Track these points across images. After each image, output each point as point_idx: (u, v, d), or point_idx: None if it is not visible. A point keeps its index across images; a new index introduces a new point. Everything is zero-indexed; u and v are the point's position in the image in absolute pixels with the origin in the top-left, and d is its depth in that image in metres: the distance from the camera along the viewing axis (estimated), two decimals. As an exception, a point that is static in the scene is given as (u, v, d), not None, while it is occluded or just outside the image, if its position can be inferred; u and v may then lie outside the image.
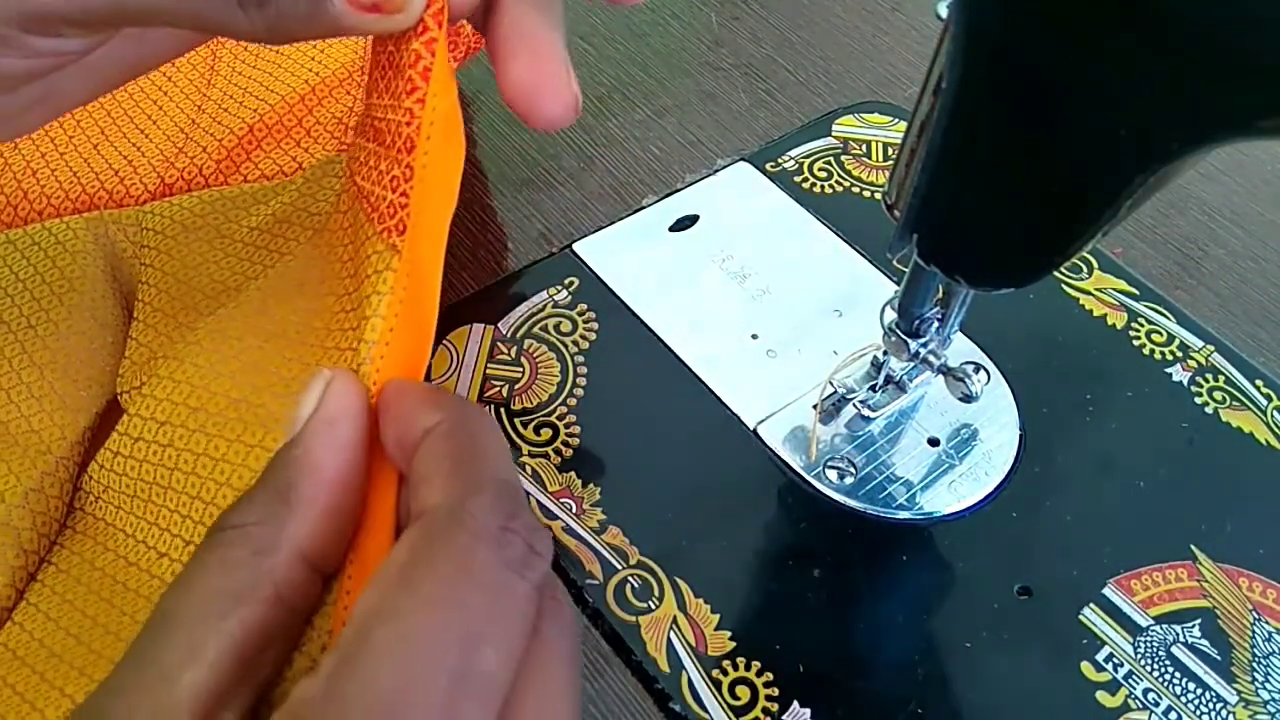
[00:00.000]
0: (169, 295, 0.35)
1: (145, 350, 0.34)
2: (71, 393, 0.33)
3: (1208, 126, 0.22)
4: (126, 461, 0.30)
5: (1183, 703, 0.31)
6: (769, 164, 0.45)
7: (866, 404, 0.37)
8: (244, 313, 0.32)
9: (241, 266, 0.36)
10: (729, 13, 0.54)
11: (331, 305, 0.28)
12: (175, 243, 0.37)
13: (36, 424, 0.32)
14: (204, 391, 0.30)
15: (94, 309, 0.35)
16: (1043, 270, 0.29)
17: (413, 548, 0.19)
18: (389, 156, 0.26)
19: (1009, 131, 0.25)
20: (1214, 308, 0.43)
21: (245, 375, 0.29)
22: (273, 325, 0.30)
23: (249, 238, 0.37)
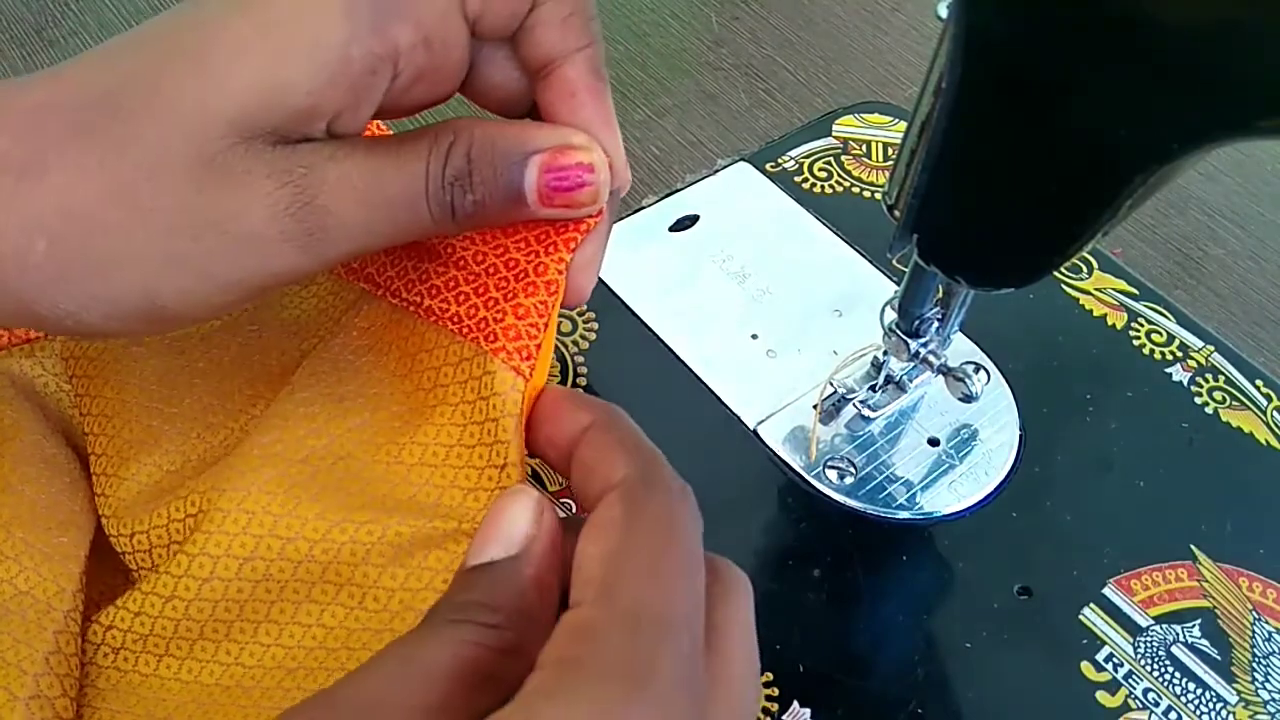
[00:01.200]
0: (129, 418, 0.32)
1: (132, 484, 0.31)
2: (49, 542, 0.30)
3: (1208, 126, 0.22)
4: (187, 604, 0.28)
5: (1183, 703, 0.31)
6: (769, 164, 0.45)
7: (866, 404, 0.37)
8: (288, 434, 0.29)
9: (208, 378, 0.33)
10: (729, 13, 0.54)
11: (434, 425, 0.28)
12: (112, 364, 0.33)
13: (24, 584, 0.29)
14: (292, 519, 0.28)
15: (38, 453, 0.32)
16: (1043, 270, 0.29)
17: (626, 507, 0.22)
18: (513, 288, 0.28)
19: (1009, 132, 0.25)
20: (1214, 308, 0.43)
21: (337, 498, 0.28)
22: (340, 445, 0.29)
23: (203, 344, 0.34)
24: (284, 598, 0.28)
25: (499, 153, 0.26)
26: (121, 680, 0.29)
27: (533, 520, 0.23)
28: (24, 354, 0.35)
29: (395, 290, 0.32)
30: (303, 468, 0.29)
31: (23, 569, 0.29)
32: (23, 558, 0.29)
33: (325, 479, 0.29)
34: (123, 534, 0.30)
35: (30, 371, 0.34)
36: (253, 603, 0.28)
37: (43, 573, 0.29)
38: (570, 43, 0.27)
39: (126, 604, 0.29)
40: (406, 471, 0.28)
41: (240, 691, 0.27)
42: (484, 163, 0.26)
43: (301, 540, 0.28)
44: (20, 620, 0.28)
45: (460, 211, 0.26)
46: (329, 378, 0.31)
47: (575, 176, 0.26)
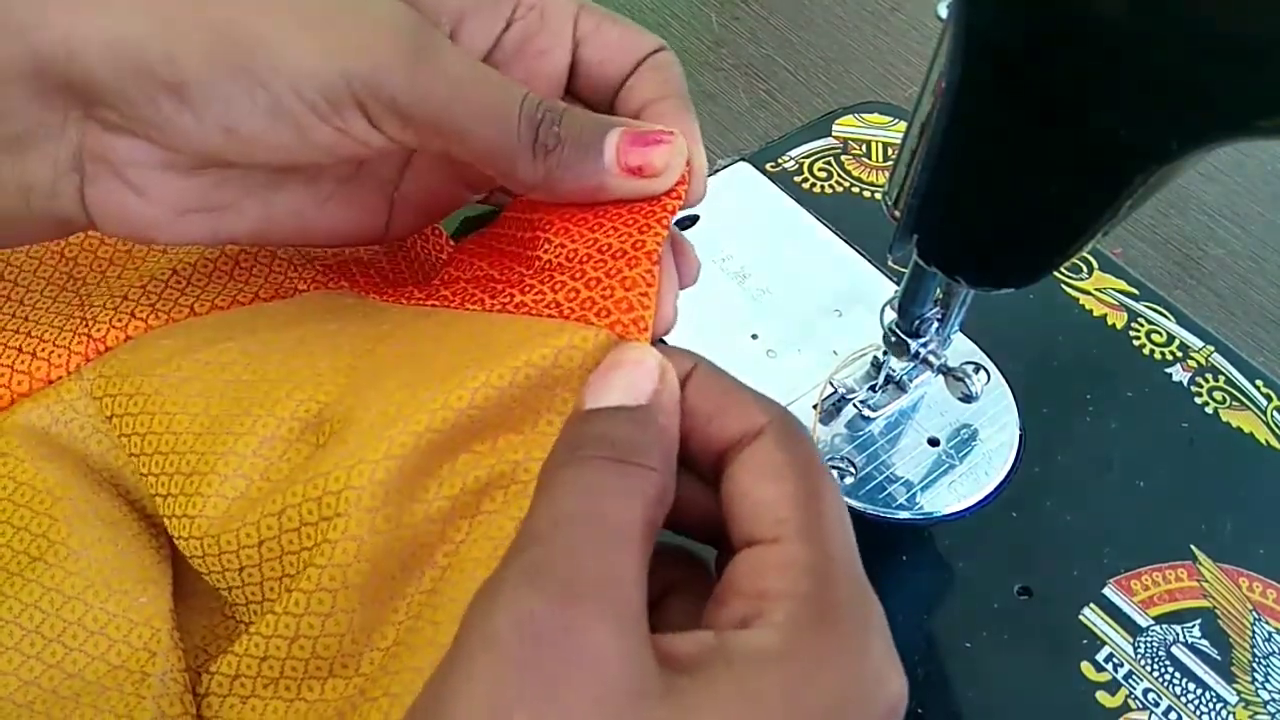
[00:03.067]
0: (190, 441, 0.30)
1: (218, 501, 0.29)
2: (131, 606, 0.29)
3: (1208, 126, 0.22)
4: (313, 642, 0.26)
5: (1183, 703, 0.31)
6: (769, 164, 0.45)
7: (866, 404, 0.37)
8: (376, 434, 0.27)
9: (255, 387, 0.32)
10: (729, 13, 0.54)
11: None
12: (153, 395, 0.32)
13: (116, 659, 0.28)
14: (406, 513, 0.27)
15: (93, 511, 0.30)
16: (1043, 270, 0.29)
17: (789, 453, 0.23)
18: (615, 266, 0.28)
19: (1009, 131, 0.25)
20: (1214, 308, 0.43)
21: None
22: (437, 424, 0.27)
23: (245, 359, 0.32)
24: (409, 614, 0.27)
25: (589, 116, 0.28)
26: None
27: (658, 372, 0.24)
28: (51, 400, 0.32)
29: (475, 299, 0.32)
30: (389, 464, 0.27)
31: (113, 643, 0.28)
32: (108, 629, 0.28)
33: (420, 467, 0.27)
34: (226, 550, 0.28)
35: (61, 416, 0.32)
36: (381, 627, 0.27)
37: (132, 642, 0.28)
38: (664, 90, 0.31)
39: (249, 649, 0.27)
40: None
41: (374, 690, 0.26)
42: (575, 115, 0.28)
43: (422, 549, 0.27)
44: (119, 695, 0.27)
45: (543, 139, 0.27)
46: (409, 365, 0.29)
47: (653, 137, 0.28)
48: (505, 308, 0.30)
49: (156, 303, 0.35)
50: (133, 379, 0.32)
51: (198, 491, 0.29)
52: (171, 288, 0.36)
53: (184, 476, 0.30)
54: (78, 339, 0.34)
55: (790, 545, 0.22)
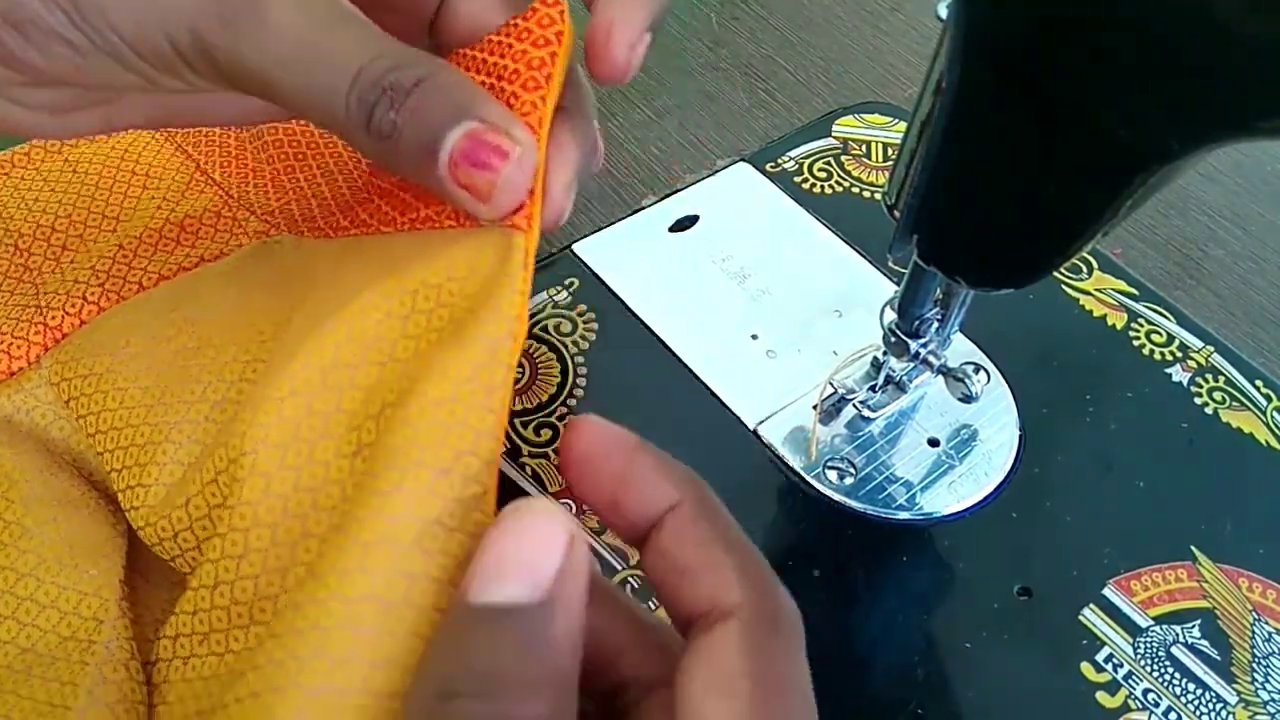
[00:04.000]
0: (137, 423, 0.31)
1: (158, 489, 0.30)
2: (80, 580, 0.29)
3: (1208, 126, 0.22)
4: (230, 586, 0.26)
5: (1183, 703, 0.31)
6: (769, 164, 0.45)
7: (866, 404, 0.37)
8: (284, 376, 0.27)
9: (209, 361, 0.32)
10: (729, 13, 0.54)
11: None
12: (105, 374, 0.32)
13: (66, 630, 0.28)
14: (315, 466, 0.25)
15: (49, 492, 0.31)
16: (1043, 270, 0.29)
17: (752, 659, 0.19)
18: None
19: (1009, 132, 0.25)
20: (1214, 308, 0.43)
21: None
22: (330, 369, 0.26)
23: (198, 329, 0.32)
24: (325, 551, 0.24)
25: (446, 99, 0.24)
26: (190, 690, 0.27)
27: (563, 551, 0.19)
28: (12, 390, 0.33)
29: (389, 219, 0.30)
30: (296, 400, 0.26)
31: (64, 615, 0.28)
32: (59, 602, 0.29)
33: (324, 405, 0.26)
34: (164, 538, 0.28)
35: (23, 405, 0.33)
36: (294, 568, 0.25)
37: (81, 613, 0.28)
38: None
39: (183, 606, 0.27)
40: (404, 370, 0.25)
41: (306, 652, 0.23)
42: (427, 97, 0.24)
43: (333, 485, 0.25)
44: (66, 665, 0.27)
45: (376, 122, 0.24)
46: (314, 319, 0.28)
47: (485, 156, 0.24)
48: (413, 224, 0.29)
49: (106, 282, 0.36)
50: (85, 361, 0.32)
51: (152, 460, 0.29)
52: (119, 263, 0.36)
53: (138, 448, 0.30)
54: (35, 329, 0.35)
55: None
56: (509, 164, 0.24)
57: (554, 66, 0.26)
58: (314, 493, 0.25)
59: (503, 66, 0.27)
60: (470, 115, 0.24)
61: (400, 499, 0.22)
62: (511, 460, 0.35)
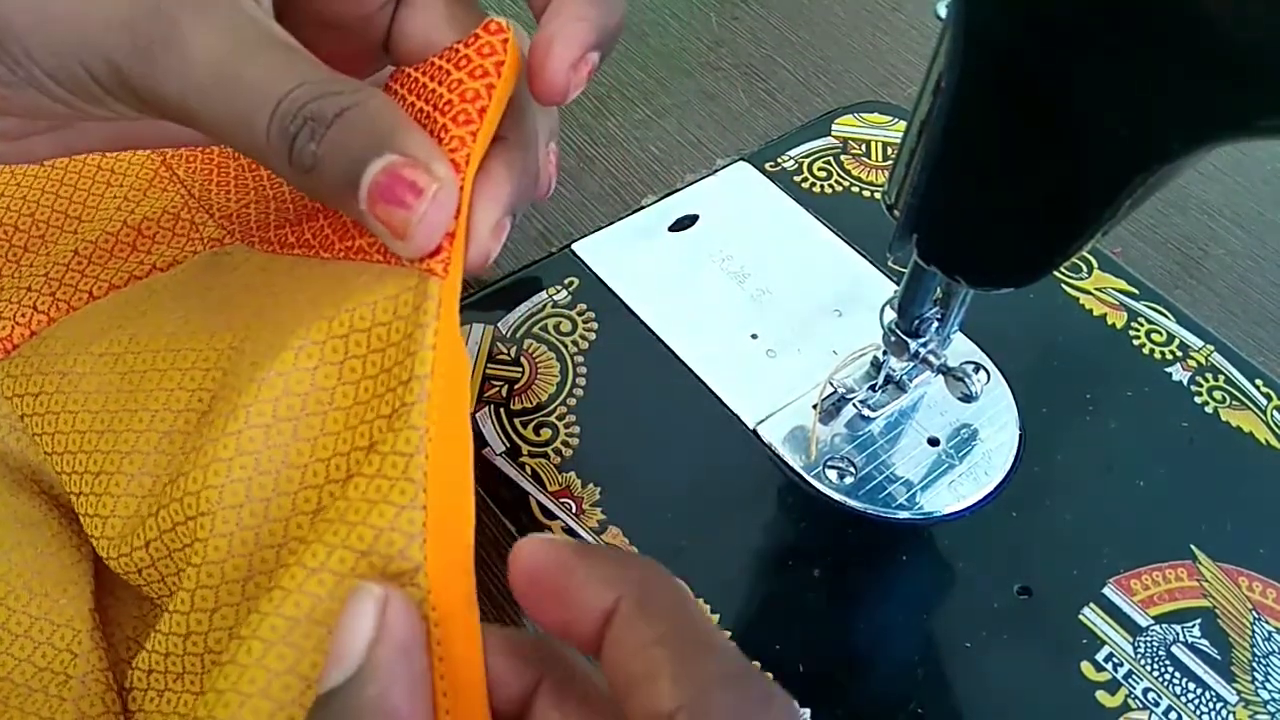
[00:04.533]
0: (90, 449, 0.30)
1: (116, 521, 0.29)
2: (52, 609, 0.29)
3: (1208, 126, 0.22)
4: (204, 637, 0.26)
5: (1183, 703, 0.31)
6: (769, 164, 0.45)
7: (866, 404, 0.37)
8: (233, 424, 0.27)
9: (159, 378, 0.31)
10: (729, 13, 0.54)
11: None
12: (55, 394, 0.31)
13: (42, 661, 0.28)
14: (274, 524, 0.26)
15: (11, 514, 0.30)
16: (1043, 270, 0.29)
17: None
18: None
19: (1008, 131, 0.25)
20: (1214, 308, 0.43)
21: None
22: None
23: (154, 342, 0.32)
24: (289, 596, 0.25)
25: (369, 131, 0.24)
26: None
27: (372, 625, 0.20)
28: None
29: (328, 242, 0.29)
30: (244, 460, 0.26)
31: (37, 645, 0.28)
32: (32, 631, 0.28)
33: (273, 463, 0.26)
34: (128, 572, 0.28)
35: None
36: (263, 615, 0.26)
37: (55, 644, 0.28)
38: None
39: (155, 647, 0.27)
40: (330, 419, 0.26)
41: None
42: (348, 128, 0.24)
43: (294, 541, 0.25)
44: (44, 698, 0.27)
45: (297, 153, 0.24)
46: (261, 359, 0.28)
47: (401, 193, 0.23)
48: (348, 253, 0.28)
49: (57, 290, 0.35)
50: (35, 378, 0.32)
51: (107, 491, 0.29)
52: (72, 271, 0.35)
53: (93, 476, 0.29)
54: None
55: None
56: (423, 201, 0.23)
57: (489, 99, 0.26)
58: (276, 549, 0.25)
59: (438, 95, 0.26)
60: (391, 148, 0.23)
61: (319, 579, 0.23)
62: (511, 459, 0.36)
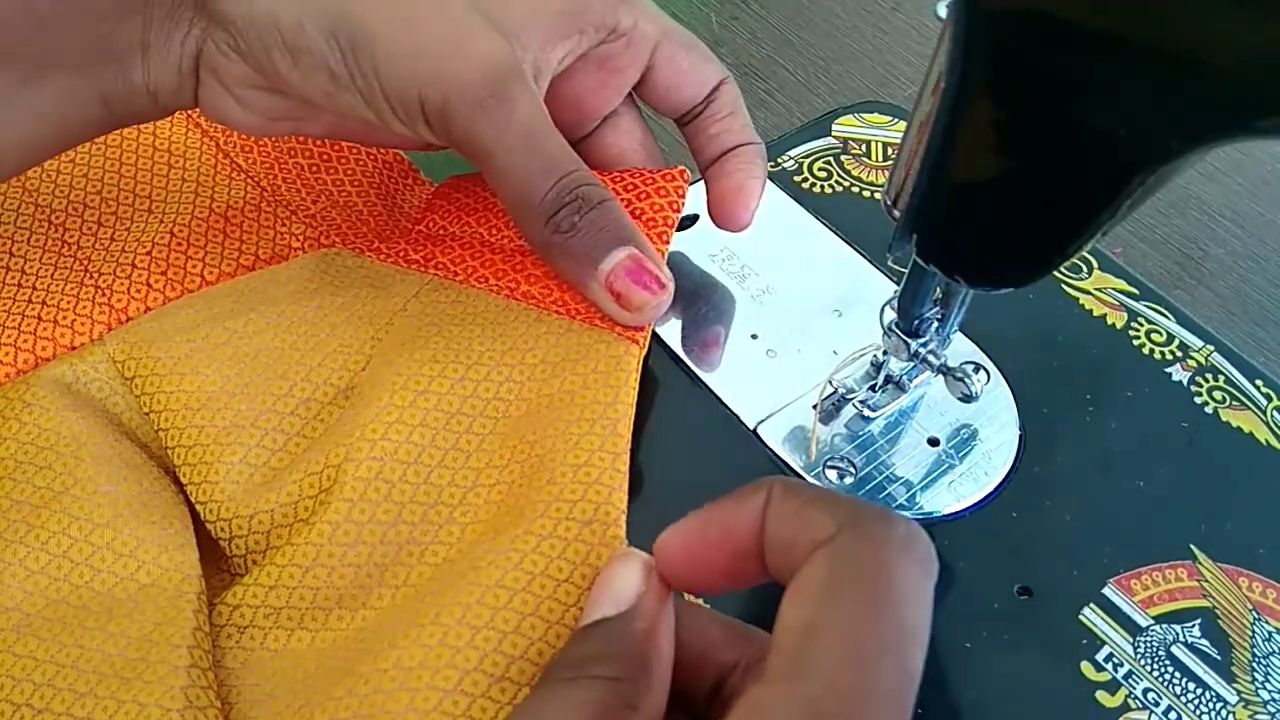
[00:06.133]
0: (217, 406, 0.32)
1: (241, 469, 0.31)
2: (159, 535, 0.30)
3: (1208, 126, 0.22)
4: (329, 571, 0.29)
5: (1183, 703, 0.31)
6: (769, 164, 0.45)
7: (866, 404, 0.37)
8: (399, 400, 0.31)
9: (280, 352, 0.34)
10: (729, 13, 0.54)
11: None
12: (185, 359, 0.33)
13: (146, 577, 0.29)
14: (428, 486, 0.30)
15: (117, 455, 0.31)
16: (1043, 270, 0.29)
17: (830, 568, 0.20)
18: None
19: (1008, 131, 0.25)
20: (1214, 308, 0.43)
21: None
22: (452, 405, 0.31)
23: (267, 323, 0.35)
24: (425, 561, 0.29)
25: (619, 224, 0.31)
26: (250, 658, 0.28)
27: (642, 579, 0.24)
28: (75, 359, 0.34)
29: (479, 276, 0.35)
30: (424, 431, 0.30)
31: (141, 564, 0.29)
32: (139, 552, 0.29)
33: (448, 441, 0.31)
34: (238, 516, 0.30)
35: (84, 376, 0.34)
36: (395, 567, 0.29)
37: (162, 563, 0.29)
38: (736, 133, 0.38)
39: (259, 579, 0.29)
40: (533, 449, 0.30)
41: (380, 643, 0.26)
42: (606, 214, 0.31)
43: (442, 506, 0.29)
44: (154, 607, 0.28)
45: (560, 218, 0.31)
46: (426, 347, 0.33)
47: (647, 281, 0.31)
48: (512, 294, 0.34)
49: (168, 270, 0.37)
50: (159, 344, 0.34)
51: (234, 444, 0.31)
52: (175, 253, 0.38)
53: (218, 430, 0.32)
54: (98, 308, 0.36)
55: (768, 686, 0.19)
56: (666, 293, 0.32)
57: (674, 220, 0.35)
58: (426, 508, 0.30)
59: (627, 200, 0.35)
60: (635, 244, 0.32)
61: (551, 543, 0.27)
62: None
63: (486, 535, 0.28)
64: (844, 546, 0.20)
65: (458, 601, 0.26)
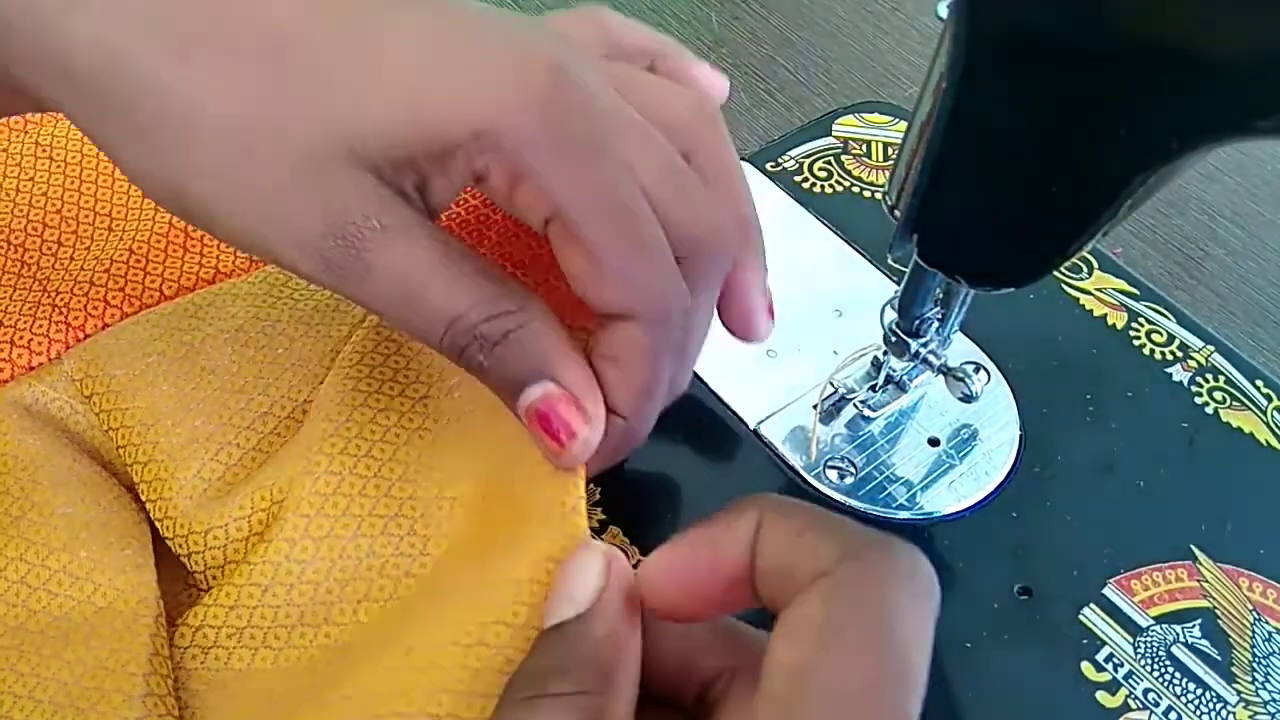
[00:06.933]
0: (171, 422, 0.32)
1: (196, 483, 0.31)
2: (116, 557, 0.29)
3: (1208, 126, 0.22)
4: (289, 589, 0.28)
5: (1183, 703, 0.31)
6: (769, 164, 0.45)
7: (866, 404, 0.37)
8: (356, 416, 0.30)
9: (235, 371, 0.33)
10: (729, 13, 0.54)
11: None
12: (139, 376, 0.33)
13: (102, 600, 0.28)
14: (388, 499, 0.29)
15: (74, 476, 0.31)
16: (1043, 270, 0.29)
17: (827, 605, 0.19)
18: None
19: (1009, 131, 0.25)
20: (1214, 308, 0.43)
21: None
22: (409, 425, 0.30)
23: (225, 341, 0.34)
24: (386, 574, 0.28)
25: (528, 356, 0.26)
26: (214, 679, 0.28)
27: (600, 574, 0.22)
28: (34, 379, 0.34)
29: None
30: (385, 447, 0.30)
31: (98, 586, 0.29)
32: (95, 575, 0.29)
33: (411, 455, 0.30)
34: (193, 532, 0.30)
35: (44, 396, 0.33)
36: (355, 581, 0.28)
37: (119, 586, 0.29)
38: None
39: (218, 599, 0.28)
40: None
41: (344, 664, 0.26)
42: (512, 350, 0.26)
43: (403, 519, 0.28)
44: (111, 632, 0.28)
45: (466, 360, 0.26)
46: (387, 364, 0.32)
47: (554, 428, 0.26)
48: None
49: (125, 286, 0.36)
50: (116, 360, 0.33)
51: (187, 459, 0.31)
52: (134, 268, 0.37)
53: (174, 445, 0.31)
54: (55, 327, 0.35)
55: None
56: (575, 443, 0.26)
57: None
58: (387, 520, 0.29)
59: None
60: (551, 376, 0.26)
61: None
62: (512, 460, 0.36)
63: (450, 548, 0.28)
64: (844, 581, 0.19)
65: (422, 620, 0.25)
